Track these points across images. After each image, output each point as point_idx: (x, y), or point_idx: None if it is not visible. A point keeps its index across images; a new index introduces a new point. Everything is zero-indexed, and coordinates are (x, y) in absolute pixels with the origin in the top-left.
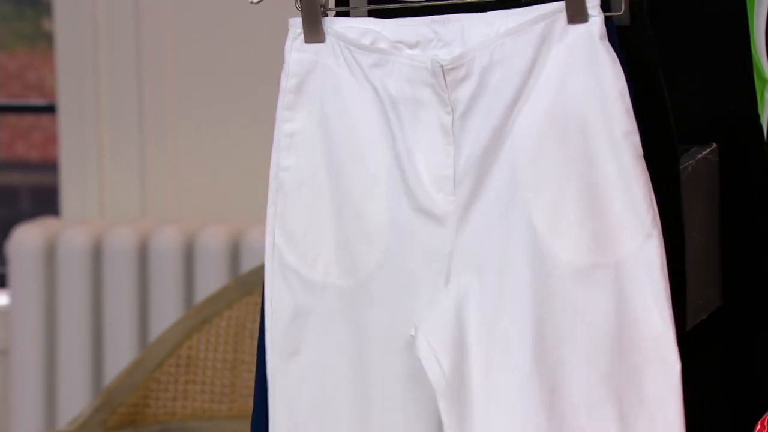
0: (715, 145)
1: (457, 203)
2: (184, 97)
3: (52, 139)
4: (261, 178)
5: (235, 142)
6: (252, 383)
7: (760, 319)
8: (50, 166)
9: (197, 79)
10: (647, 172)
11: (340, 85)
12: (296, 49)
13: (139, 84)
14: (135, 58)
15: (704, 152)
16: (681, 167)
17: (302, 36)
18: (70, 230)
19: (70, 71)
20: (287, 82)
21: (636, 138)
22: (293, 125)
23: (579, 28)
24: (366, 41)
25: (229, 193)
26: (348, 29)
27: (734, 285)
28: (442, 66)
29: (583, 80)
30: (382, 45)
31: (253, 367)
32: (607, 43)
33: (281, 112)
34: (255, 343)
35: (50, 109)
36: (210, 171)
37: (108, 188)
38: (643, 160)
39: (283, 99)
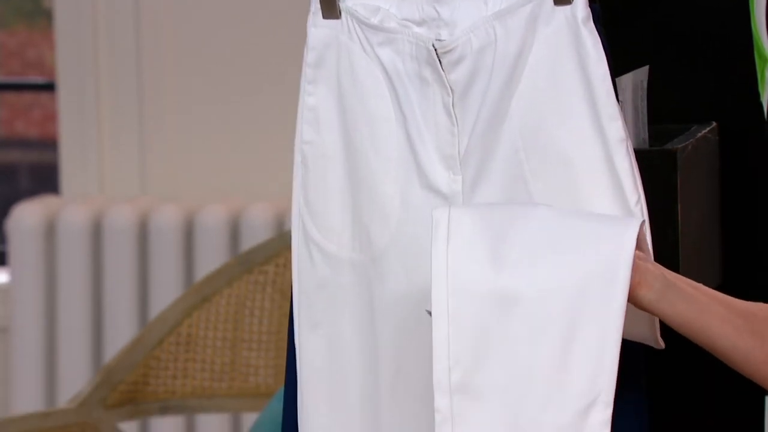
0: (714, 123)
1: (464, 183)
2: (185, 75)
3: (51, 116)
4: (261, 155)
5: (235, 120)
6: (252, 361)
7: (759, 296)
8: (50, 144)
9: (198, 58)
10: (632, 155)
11: (353, 62)
12: (314, 25)
13: (138, 62)
14: (134, 36)
15: (704, 131)
16: (681, 146)
17: (320, 11)
18: (69, 208)
19: (69, 49)
20: (308, 56)
21: (619, 122)
22: (314, 99)
23: (565, 10)
24: (375, 19)
25: (229, 171)
26: (358, 5)
27: (734, 263)
28: (435, 49)
29: (568, 64)
30: (391, 23)
31: (253, 345)
32: (591, 25)
33: (304, 86)
34: (255, 321)
35: (50, 87)
36: (210, 149)
37: (108, 166)
38: (628, 143)
39: (305, 73)
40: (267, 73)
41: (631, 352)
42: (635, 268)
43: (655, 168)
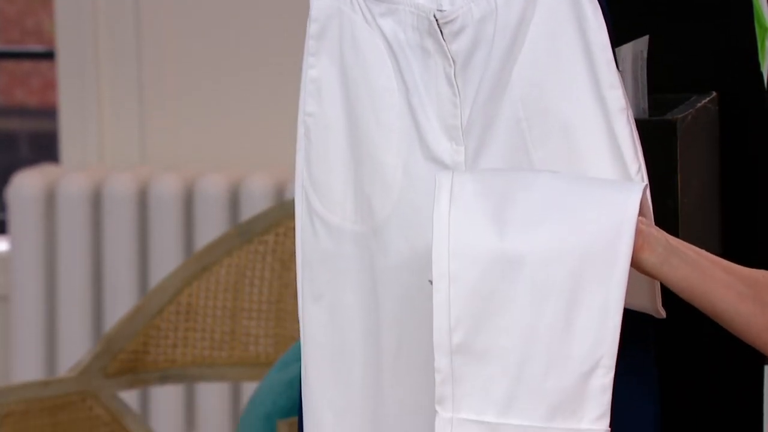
0: (715, 93)
1: (466, 153)
2: (184, 43)
3: (50, 84)
4: (261, 124)
5: (235, 89)
6: (252, 330)
7: (758, 266)
8: (49, 112)
9: (197, 25)
10: (633, 124)
11: (356, 33)
12: None
13: (138, 30)
14: (134, 4)
15: (704, 101)
16: (681, 116)
17: None
18: (69, 177)
19: (68, 17)
20: (310, 27)
21: (619, 91)
22: (316, 71)
23: None
24: None
25: (229, 140)
26: None
27: (733, 232)
28: (437, 19)
29: (568, 32)
30: None
31: (253, 314)
32: None
33: (306, 58)
34: (255, 290)
35: (49, 56)
36: (210, 117)
37: (107, 135)
38: (629, 112)
39: (308, 45)
40: (268, 43)
41: (638, 319)
42: (638, 233)
43: (655, 138)
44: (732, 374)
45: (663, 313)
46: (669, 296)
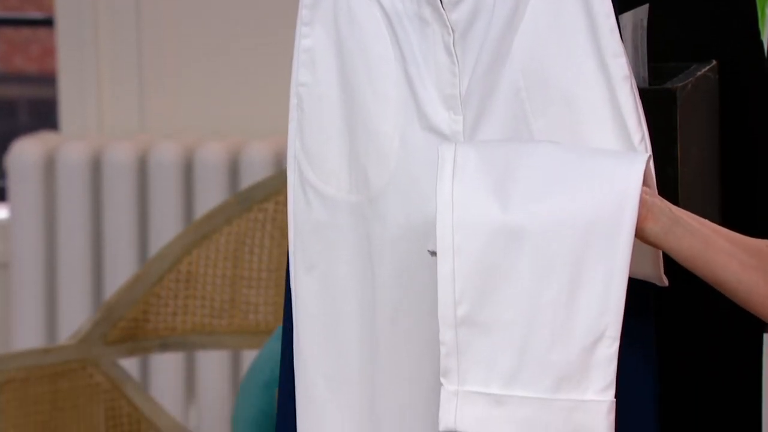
0: (714, 62)
1: (465, 123)
2: (184, 11)
3: (50, 51)
4: (261, 93)
5: (235, 57)
6: (251, 299)
7: (758, 235)
8: (48, 79)
9: None
10: (636, 93)
11: (351, 2)
12: None
13: None
14: None
15: (704, 69)
16: (681, 85)
17: None
18: (69, 144)
19: None
20: None
21: (623, 59)
22: (310, 41)
23: None
24: None
25: (228, 109)
26: None
27: (733, 201)
28: None
29: (571, 0)
30: None
31: (253, 283)
32: None
33: (299, 28)
34: (254, 258)
35: (48, 23)
36: (210, 86)
37: (107, 102)
38: (632, 81)
39: (301, 14)
40: (267, 10)
41: (639, 289)
42: (642, 203)
43: (655, 107)
44: (731, 342)
45: (666, 282)
46: (669, 265)
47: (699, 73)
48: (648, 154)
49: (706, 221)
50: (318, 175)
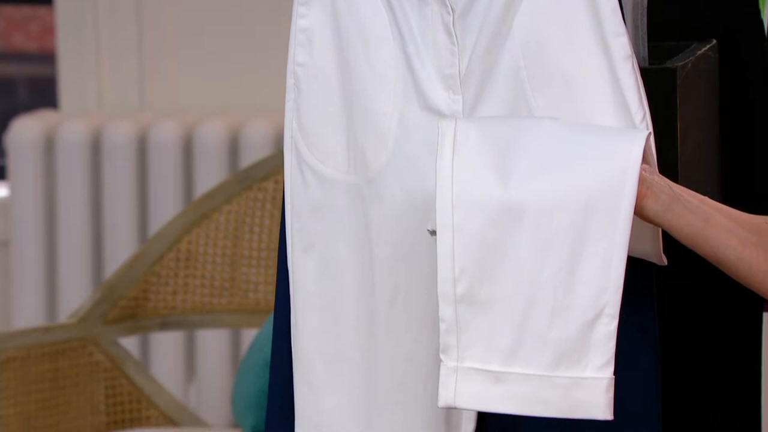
0: (714, 41)
1: (464, 103)
2: None
3: (49, 29)
4: (261, 71)
5: (235, 35)
6: (251, 277)
7: (758, 213)
8: (48, 57)
9: None
10: (638, 72)
11: None
12: None
13: None
14: None
15: (704, 48)
16: (681, 64)
17: None
18: (68, 123)
19: None
20: None
21: (624, 39)
22: (307, 21)
23: None
24: None
25: (228, 87)
26: None
27: (733, 181)
28: None
29: None
30: None
31: (252, 262)
32: None
33: (296, 7)
34: (254, 237)
35: (48, 0)
36: (210, 64)
37: (107, 81)
38: (633, 60)
39: None
40: None
41: (641, 269)
42: (642, 180)
43: (655, 86)
44: (732, 320)
45: (665, 260)
46: (669, 243)
47: (699, 52)
48: (648, 132)
49: (706, 199)
50: (315, 155)
